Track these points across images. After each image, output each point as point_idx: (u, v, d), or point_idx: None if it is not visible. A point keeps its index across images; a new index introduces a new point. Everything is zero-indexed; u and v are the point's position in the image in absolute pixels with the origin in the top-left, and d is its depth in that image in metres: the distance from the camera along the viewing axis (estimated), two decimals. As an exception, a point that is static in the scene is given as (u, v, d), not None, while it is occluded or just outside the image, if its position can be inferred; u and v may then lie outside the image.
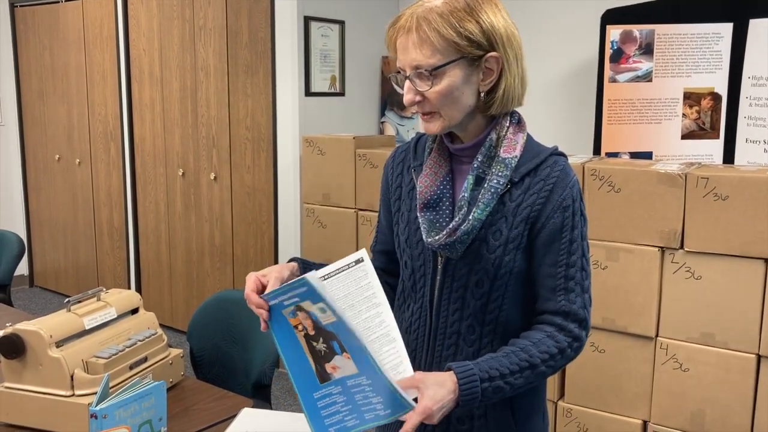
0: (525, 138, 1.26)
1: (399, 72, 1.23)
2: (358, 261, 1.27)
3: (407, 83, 1.20)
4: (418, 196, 1.27)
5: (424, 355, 1.32)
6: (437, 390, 1.11)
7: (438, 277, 1.28)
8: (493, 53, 1.19)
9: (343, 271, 1.26)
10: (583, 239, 1.24)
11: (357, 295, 1.25)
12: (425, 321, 1.31)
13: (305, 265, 1.33)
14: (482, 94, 1.22)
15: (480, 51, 1.18)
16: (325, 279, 1.25)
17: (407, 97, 1.21)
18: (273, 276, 1.23)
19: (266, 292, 1.19)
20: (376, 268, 1.42)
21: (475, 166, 1.23)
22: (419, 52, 1.17)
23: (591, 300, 1.25)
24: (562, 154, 1.27)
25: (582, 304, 1.23)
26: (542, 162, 1.24)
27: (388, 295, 1.42)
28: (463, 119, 1.22)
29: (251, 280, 1.23)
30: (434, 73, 1.17)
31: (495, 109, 1.24)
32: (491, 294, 1.24)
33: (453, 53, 1.17)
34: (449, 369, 1.16)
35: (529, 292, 1.27)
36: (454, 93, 1.19)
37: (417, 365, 1.32)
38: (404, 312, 1.37)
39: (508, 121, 1.26)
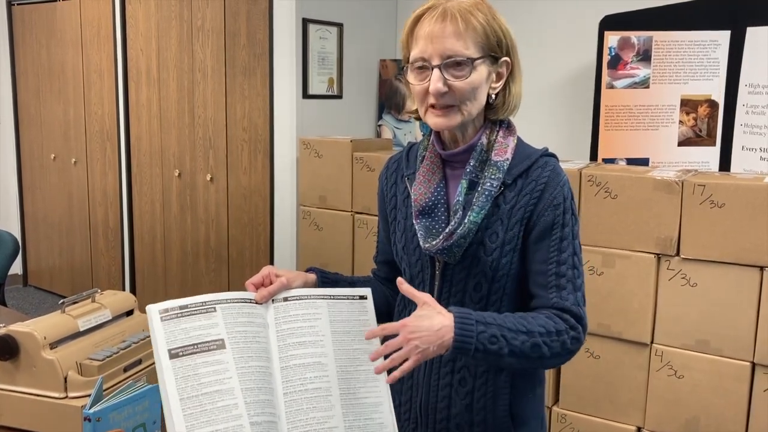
0: (515, 141, 1.28)
1: (412, 62, 1.22)
2: (362, 297, 1.29)
3: (436, 72, 1.18)
4: (413, 204, 1.28)
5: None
6: (421, 313, 1.12)
7: (436, 282, 1.29)
8: (506, 58, 1.23)
9: (347, 299, 1.28)
10: (574, 238, 1.24)
11: (354, 325, 1.27)
12: None
13: (324, 277, 1.35)
14: (492, 96, 1.24)
15: (500, 53, 1.22)
16: (330, 299, 1.27)
17: (436, 85, 1.18)
18: (279, 281, 1.25)
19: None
20: (381, 279, 1.47)
21: (468, 170, 1.24)
22: (457, 42, 1.17)
23: (584, 299, 1.24)
24: (553, 155, 1.30)
25: (575, 302, 1.21)
26: (533, 163, 1.25)
27: (393, 304, 1.44)
28: (473, 119, 1.24)
29: (263, 273, 1.26)
30: (472, 65, 1.18)
31: (500, 114, 1.27)
32: (490, 297, 1.25)
33: (483, 50, 1.20)
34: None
35: (526, 293, 1.28)
36: (478, 89, 1.21)
37: (417, 371, 1.33)
38: (404, 317, 1.37)
39: (498, 126, 1.28)
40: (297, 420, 1.18)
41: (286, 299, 1.25)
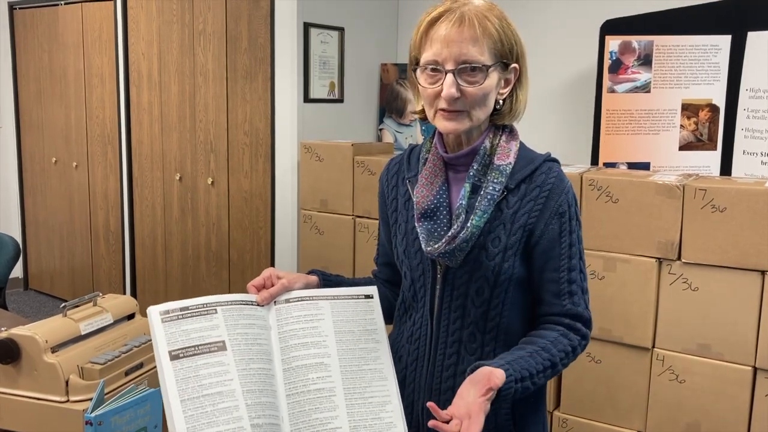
0: (518, 146, 1.29)
1: (424, 65, 1.20)
2: (368, 296, 1.30)
3: (449, 77, 1.17)
4: (415, 207, 1.28)
5: (426, 364, 1.32)
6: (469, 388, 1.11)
7: (438, 286, 1.28)
8: (515, 64, 1.24)
9: (352, 299, 1.28)
10: (579, 242, 1.27)
11: (359, 324, 1.27)
12: (426, 330, 1.31)
13: (326, 279, 1.35)
14: (500, 102, 1.25)
15: (511, 60, 1.23)
16: (333, 300, 1.27)
17: (449, 90, 1.17)
18: (281, 283, 1.26)
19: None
20: (383, 281, 1.46)
21: (471, 174, 1.24)
22: (473, 48, 1.17)
23: (589, 298, 1.29)
24: (555, 161, 1.30)
25: (585, 306, 1.27)
26: (537, 168, 1.26)
27: (394, 306, 1.44)
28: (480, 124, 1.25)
29: (264, 276, 1.28)
30: (487, 71, 1.18)
31: (505, 119, 1.27)
32: (491, 301, 1.25)
33: (496, 56, 1.20)
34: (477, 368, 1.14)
35: (528, 298, 1.28)
36: (489, 95, 1.21)
37: (419, 375, 1.33)
38: (405, 322, 1.37)
39: (501, 130, 1.28)
40: (300, 421, 1.17)
41: (288, 301, 1.25)
